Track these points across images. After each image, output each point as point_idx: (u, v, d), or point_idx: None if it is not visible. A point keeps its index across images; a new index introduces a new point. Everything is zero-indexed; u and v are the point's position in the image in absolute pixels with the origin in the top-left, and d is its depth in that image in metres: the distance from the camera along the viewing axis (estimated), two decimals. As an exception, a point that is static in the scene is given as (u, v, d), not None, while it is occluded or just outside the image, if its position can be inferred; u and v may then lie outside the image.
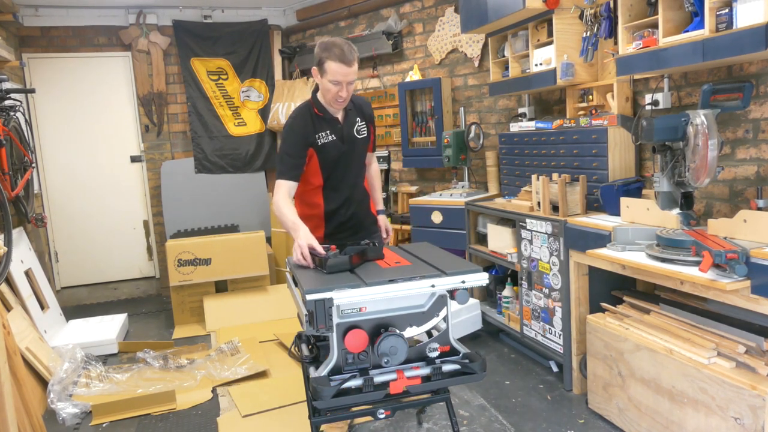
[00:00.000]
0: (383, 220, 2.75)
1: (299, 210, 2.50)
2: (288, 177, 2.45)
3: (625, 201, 2.74)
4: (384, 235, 2.73)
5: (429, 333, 1.96)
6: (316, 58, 2.32)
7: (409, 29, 4.83)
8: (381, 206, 2.78)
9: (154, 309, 5.19)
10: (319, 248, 2.09)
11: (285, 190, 2.45)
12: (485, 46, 4.16)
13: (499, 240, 3.55)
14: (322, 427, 2.20)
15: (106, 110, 5.45)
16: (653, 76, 2.95)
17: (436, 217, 4.02)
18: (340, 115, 2.48)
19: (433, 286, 1.84)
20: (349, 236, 2.52)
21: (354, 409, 1.95)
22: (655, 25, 2.56)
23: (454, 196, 4.07)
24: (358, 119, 2.54)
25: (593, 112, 3.20)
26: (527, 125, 3.59)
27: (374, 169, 2.79)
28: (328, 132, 2.44)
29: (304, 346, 2.14)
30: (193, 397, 3.20)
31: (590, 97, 3.28)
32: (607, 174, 3.01)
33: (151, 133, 5.53)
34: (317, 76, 2.35)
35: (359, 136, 2.55)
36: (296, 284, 2.05)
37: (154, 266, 5.71)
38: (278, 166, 2.52)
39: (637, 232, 2.50)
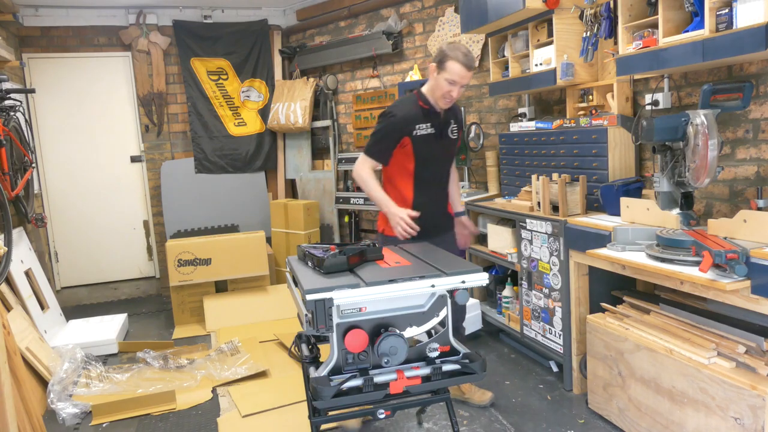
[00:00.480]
0: (467, 220, 2.95)
1: (390, 196, 2.68)
2: (375, 157, 2.65)
3: (625, 201, 2.74)
4: (465, 234, 2.92)
5: (429, 333, 1.96)
6: (438, 55, 2.52)
7: (409, 29, 4.83)
8: (462, 208, 2.95)
9: (154, 309, 5.19)
10: (413, 213, 2.54)
11: (369, 165, 2.66)
12: (485, 46, 4.16)
13: (499, 240, 3.55)
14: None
15: (106, 110, 5.45)
16: (653, 76, 2.95)
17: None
18: (441, 112, 2.66)
19: (433, 286, 1.85)
20: (425, 235, 2.57)
21: (354, 409, 1.95)
22: (655, 25, 2.56)
23: (454, 196, 4.06)
24: (452, 121, 2.72)
25: (593, 112, 3.20)
26: (527, 125, 3.59)
27: (455, 175, 2.94)
28: (429, 125, 2.62)
29: (304, 346, 2.14)
30: (193, 397, 3.20)
31: (590, 97, 3.28)
32: (607, 174, 3.00)
33: (151, 133, 5.53)
34: (434, 72, 2.55)
35: (452, 137, 2.73)
36: (296, 284, 2.05)
37: (154, 266, 5.71)
38: (370, 143, 2.67)
39: (637, 232, 2.50)
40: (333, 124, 5.53)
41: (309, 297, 1.74)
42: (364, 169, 2.65)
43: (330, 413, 2.00)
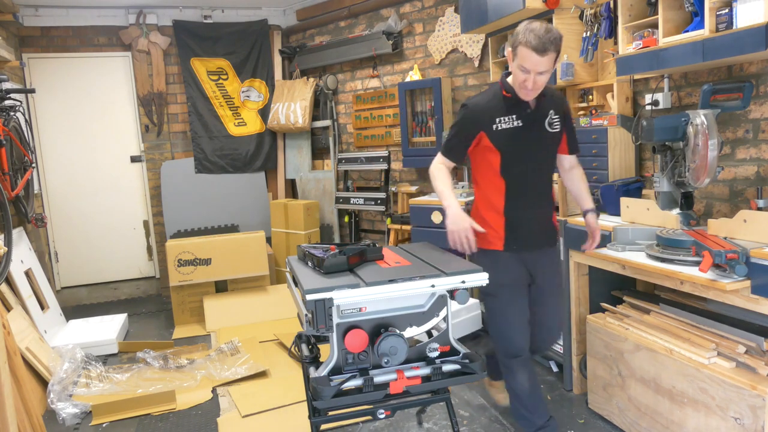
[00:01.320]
0: (592, 220, 2.40)
1: (482, 213, 2.34)
2: (447, 155, 2.34)
3: (625, 201, 2.74)
4: (590, 243, 2.41)
5: (429, 333, 1.96)
6: (513, 37, 2.13)
7: (409, 29, 4.83)
8: (590, 204, 2.41)
9: (154, 309, 5.19)
10: (477, 228, 2.22)
11: (442, 162, 2.36)
12: (485, 46, 4.16)
13: (499, 240, 3.54)
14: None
15: (106, 110, 5.45)
16: (653, 76, 2.95)
17: (436, 217, 4.02)
18: (532, 102, 2.23)
19: (433, 286, 1.84)
20: (517, 249, 2.31)
21: (354, 409, 1.95)
22: (655, 25, 2.56)
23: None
24: (552, 111, 2.27)
25: (593, 112, 3.20)
26: (527, 125, 3.58)
27: (578, 174, 2.46)
28: (513, 117, 2.23)
29: (304, 346, 2.14)
30: (193, 397, 3.20)
31: (590, 97, 3.28)
32: (607, 174, 3.00)
33: (151, 133, 5.53)
34: (510, 58, 2.17)
35: (551, 130, 2.27)
36: (296, 284, 2.05)
37: (154, 266, 5.71)
38: (445, 138, 2.44)
39: (637, 232, 2.51)
40: (333, 124, 5.53)
41: (309, 297, 1.74)
42: (436, 165, 2.34)
43: (330, 413, 2.00)
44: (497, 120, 2.22)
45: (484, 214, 2.33)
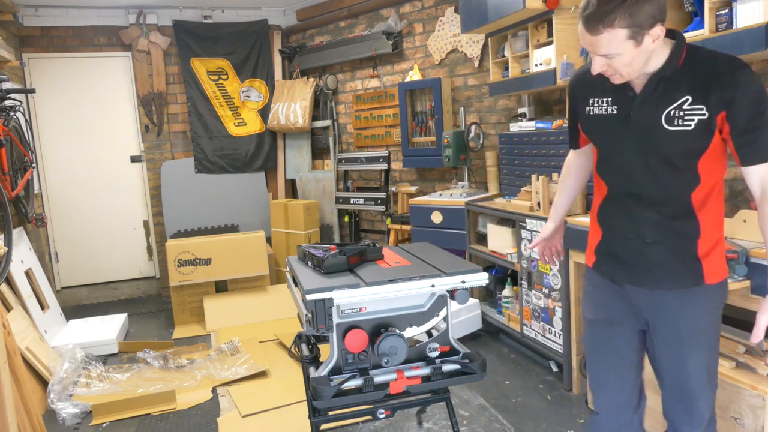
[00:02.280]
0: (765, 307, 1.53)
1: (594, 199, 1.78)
2: (570, 145, 1.95)
3: (625, 201, 2.74)
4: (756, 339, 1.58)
5: (429, 333, 1.96)
6: None
7: (409, 29, 4.83)
8: None
9: (154, 309, 5.19)
10: (553, 247, 2.01)
11: (569, 157, 1.99)
12: (485, 46, 4.16)
13: (499, 240, 3.55)
14: None
15: (106, 110, 5.45)
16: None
17: (436, 217, 4.02)
18: (640, 82, 1.54)
19: (433, 286, 1.85)
20: (619, 278, 1.70)
21: (354, 408, 1.95)
22: (655, 25, 2.55)
23: (454, 196, 4.07)
24: (689, 98, 1.47)
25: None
26: (527, 125, 3.59)
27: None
28: (609, 101, 1.61)
29: (304, 346, 2.14)
30: (193, 397, 3.20)
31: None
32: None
33: (151, 133, 5.53)
34: None
35: (670, 127, 1.49)
36: (296, 284, 2.05)
37: (154, 266, 5.71)
38: None
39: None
40: (333, 124, 5.53)
41: (309, 297, 1.74)
42: (565, 162, 1.99)
43: (330, 413, 2.00)
44: (590, 101, 1.66)
45: (591, 213, 1.82)
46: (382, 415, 1.91)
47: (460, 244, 3.91)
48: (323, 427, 2.13)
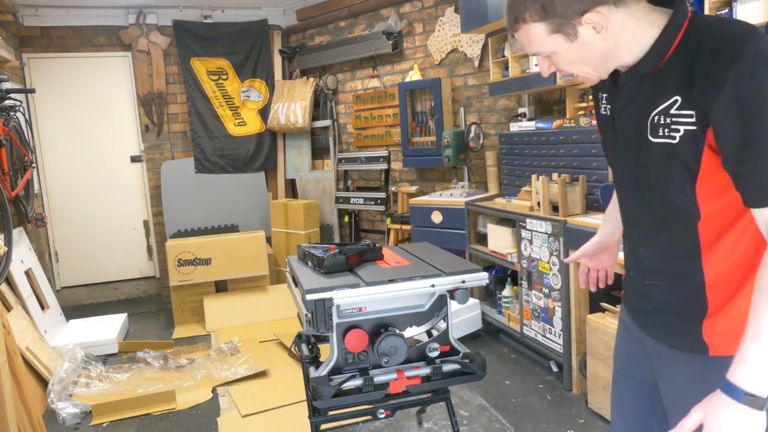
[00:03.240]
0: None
1: None
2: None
3: (625, 201, 2.74)
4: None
5: (429, 333, 1.96)
6: None
7: (409, 29, 4.83)
8: (744, 371, 0.97)
9: (154, 309, 5.19)
10: (601, 269, 1.59)
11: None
12: (485, 46, 4.16)
13: (499, 240, 3.55)
14: None
15: (106, 110, 5.45)
16: (653, 76, 2.94)
17: (436, 217, 4.02)
18: (624, 76, 1.17)
19: (433, 286, 1.85)
20: (633, 317, 1.35)
21: (354, 408, 1.95)
22: (655, 25, 2.55)
23: (454, 196, 4.07)
24: (677, 98, 1.06)
25: (593, 112, 3.20)
26: (527, 125, 3.59)
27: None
28: (606, 96, 1.27)
29: (304, 346, 2.14)
30: (193, 397, 3.20)
31: (590, 97, 3.28)
32: (607, 174, 3.00)
33: (151, 133, 5.53)
34: None
35: (654, 138, 1.11)
36: (296, 284, 2.06)
37: (154, 266, 5.71)
38: None
39: (637, 232, 2.50)
40: (333, 124, 5.53)
41: (309, 297, 1.74)
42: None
43: (330, 413, 2.00)
44: (600, 96, 1.31)
45: None
46: (382, 415, 1.91)
47: (460, 244, 3.91)
48: (323, 427, 2.13)
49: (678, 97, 1.06)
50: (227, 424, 2.89)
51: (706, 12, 2.27)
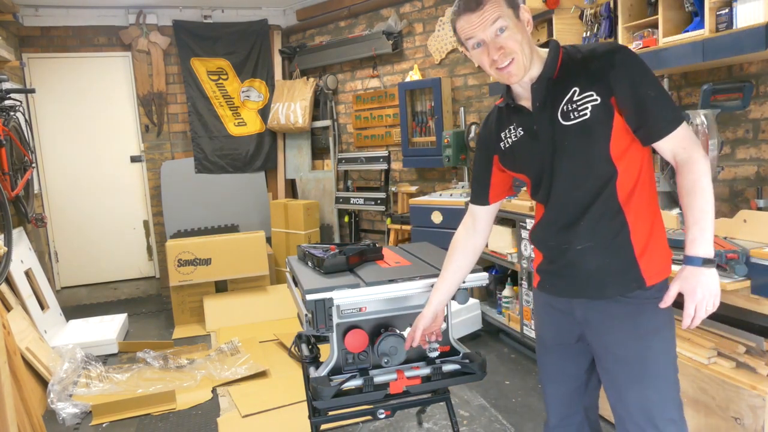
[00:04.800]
0: (686, 279, 1.42)
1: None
2: (472, 200, 1.77)
3: (625, 201, 2.73)
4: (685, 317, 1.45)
5: (429, 333, 1.96)
6: (451, 26, 1.53)
7: (409, 29, 4.83)
8: (697, 247, 1.40)
9: (154, 309, 5.19)
10: (433, 334, 1.81)
11: (466, 217, 1.80)
12: (485, 46, 4.16)
13: (499, 240, 3.55)
14: None
15: (106, 110, 5.45)
16: (653, 76, 2.94)
17: (436, 217, 4.02)
18: (529, 97, 1.53)
19: (433, 286, 1.84)
20: (556, 292, 1.63)
21: (354, 409, 1.95)
22: (655, 25, 2.56)
23: (454, 196, 4.07)
24: (575, 89, 1.46)
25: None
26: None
27: (686, 178, 1.45)
28: (514, 126, 1.59)
29: (304, 346, 2.14)
30: (193, 397, 3.20)
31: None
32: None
33: (151, 133, 5.53)
34: (465, 51, 1.54)
35: (567, 122, 1.47)
36: (296, 284, 2.05)
37: (154, 266, 5.71)
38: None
39: (637, 232, 2.50)
40: (333, 124, 5.53)
41: (309, 297, 1.74)
42: (459, 227, 1.83)
43: (330, 413, 2.00)
44: (502, 136, 1.64)
45: (529, 239, 1.85)
46: (382, 415, 1.91)
47: (460, 244, 3.90)
48: (323, 427, 2.13)
49: (576, 88, 1.46)
50: (227, 424, 2.89)
51: (706, 12, 2.28)
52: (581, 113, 1.45)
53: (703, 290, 1.40)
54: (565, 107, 1.47)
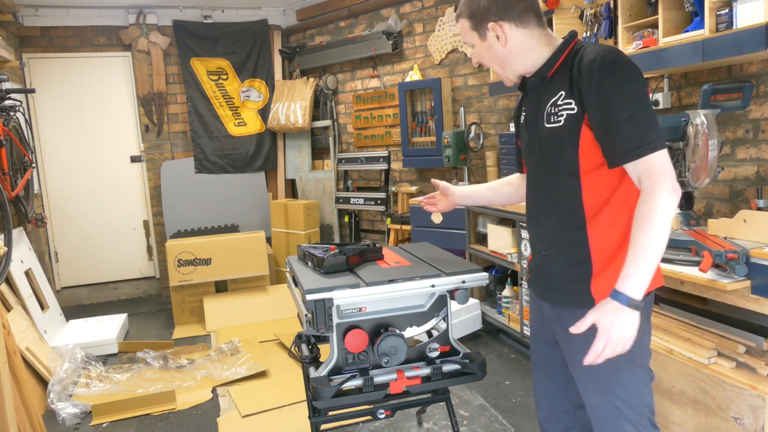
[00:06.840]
0: (602, 314, 1.32)
1: None
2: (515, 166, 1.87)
3: (625, 201, 2.73)
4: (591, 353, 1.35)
5: (429, 333, 1.96)
6: None
7: (409, 29, 4.83)
8: (627, 284, 1.31)
9: (154, 309, 5.19)
10: (440, 202, 1.96)
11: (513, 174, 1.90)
12: (485, 46, 4.16)
13: (499, 240, 3.55)
14: None
15: (106, 110, 5.45)
16: (653, 76, 2.94)
17: (436, 217, 4.02)
18: (533, 84, 1.55)
19: (433, 286, 1.84)
20: (537, 288, 1.67)
21: (354, 409, 1.95)
22: (655, 25, 2.55)
23: (454, 196, 4.06)
24: (562, 93, 1.43)
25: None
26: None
27: (645, 211, 1.32)
28: (526, 107, 1.62)
29: (304, 346, 2.14)
30: (193, 397, 3.20)
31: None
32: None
33: (151, 133, 5.53)
34: None
35: (547, 125, 1.47)
36: (296, 284, 2.05)
37: (154, 266, 5.71)
38: None
39: (637, 232, 2.50)
40: (333, 124, 5.53)
41: (309, 297, 1.74)
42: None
43: (330, 413, 2.00)
44: (522, 109, 1.65)
45: None
46: (382, 415, 1.91)
47: (460, 244, 3.91)
48: (323, 427, 2.13)
49: (563, 92, 1.44)
50: (227, 424, 2.89)
51: (706, 12, 2.28)
52: (558, 119, 1.44)
53: (618, 332, 1.31)
54: (549, 108, 1.47)
